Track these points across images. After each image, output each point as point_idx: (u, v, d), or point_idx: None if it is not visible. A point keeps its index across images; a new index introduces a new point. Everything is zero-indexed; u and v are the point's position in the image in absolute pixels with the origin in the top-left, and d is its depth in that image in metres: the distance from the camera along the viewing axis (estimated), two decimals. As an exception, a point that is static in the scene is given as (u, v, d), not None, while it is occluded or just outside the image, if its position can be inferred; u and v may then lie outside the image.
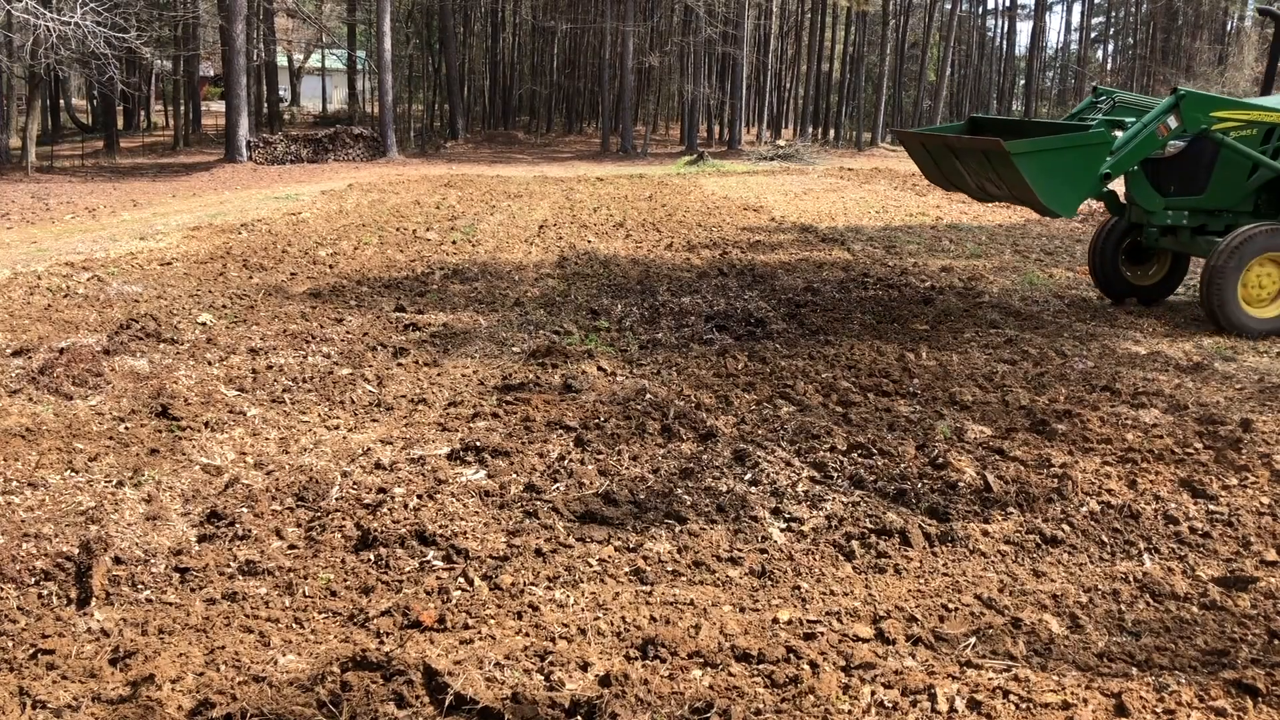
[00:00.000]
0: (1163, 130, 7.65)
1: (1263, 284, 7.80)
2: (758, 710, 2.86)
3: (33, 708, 2.86)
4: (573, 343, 7.14)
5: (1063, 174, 7.31)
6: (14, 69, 27.12)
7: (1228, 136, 7.86)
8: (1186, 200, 8.19)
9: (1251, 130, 7.98)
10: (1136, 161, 7.82)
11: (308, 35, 45.96)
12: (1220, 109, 7.87)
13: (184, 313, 7.95)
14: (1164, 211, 8.20)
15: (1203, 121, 7.73)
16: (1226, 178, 8.10)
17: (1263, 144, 8.03)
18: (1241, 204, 8.25)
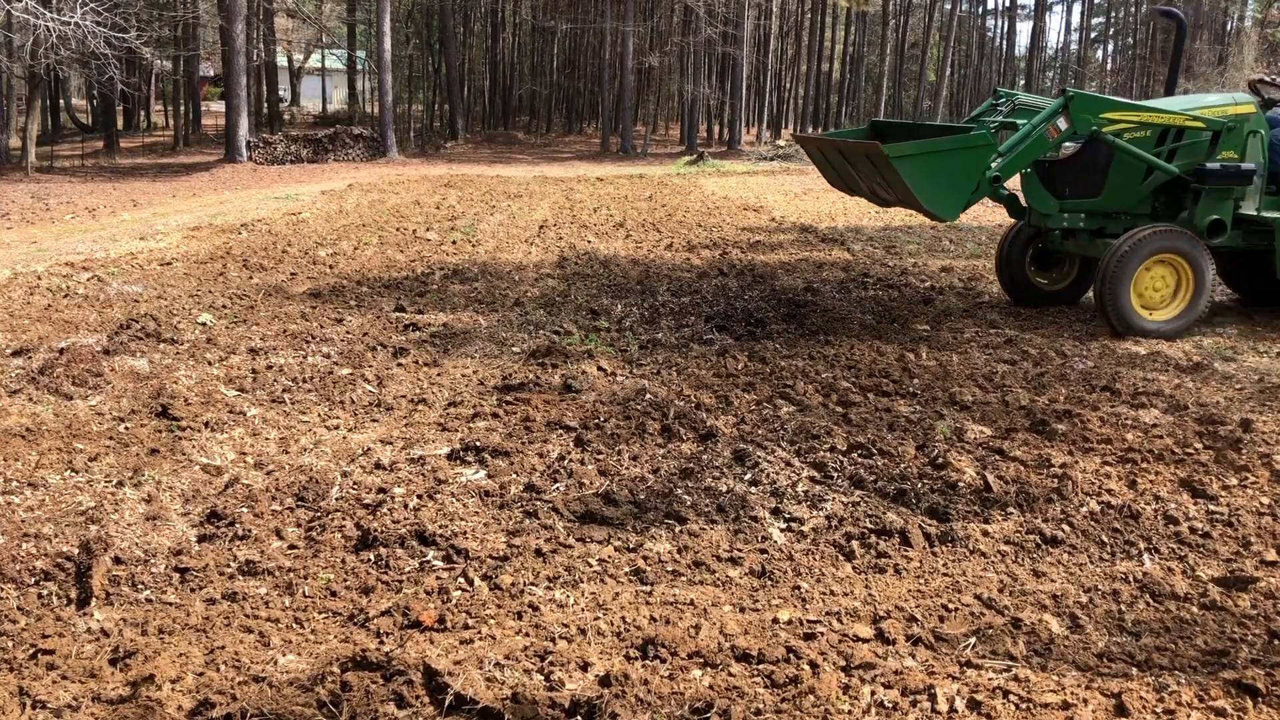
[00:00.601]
0: (1052, 132, 7.56)
1: (1157, 287, 7.69)
2: (758, 710, 2.86)
3: (33, 708, 2.86)
4: (573, 343, 7.14)
5: (943, 177, 7.24)
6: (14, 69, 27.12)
7: (1120, 138, 7.75)
8: (1083, 203, 8.08)
9: (1145, 132, 7.88)
10: (1027, 164, 7.73)
11: (308, 35, 45.97)
12: (1110, 110, 7.78)
13: (184, 313, 7.95)
14: (1060, 214, 8.09)
15: (1093, 123, 7.63)
16: (1122, 180, 7.98)
17: (1157, 145, 7.92)
18: (1139, 206, 8.13)
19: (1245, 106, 8.04)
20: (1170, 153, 7.93)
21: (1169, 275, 7.69)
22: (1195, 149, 7.93)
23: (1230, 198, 7.90)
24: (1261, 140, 7.95)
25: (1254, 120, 8.01)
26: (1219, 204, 7.88)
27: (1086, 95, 7.80)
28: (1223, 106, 8.05)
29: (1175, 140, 7.93)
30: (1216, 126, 7.88)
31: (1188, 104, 8.24)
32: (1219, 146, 7.89)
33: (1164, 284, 7.70)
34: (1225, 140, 7.89)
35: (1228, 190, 7.84)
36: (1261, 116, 8.09)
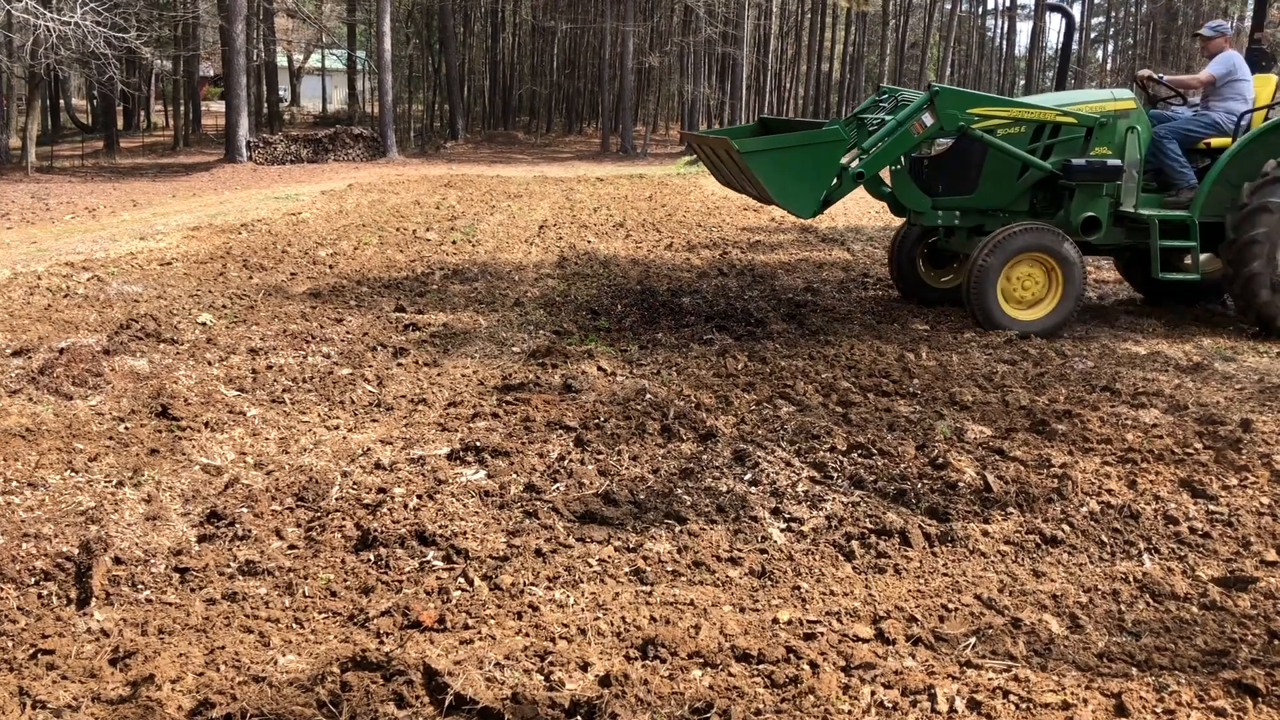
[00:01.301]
0: (917, 128, 7.49)
1: (1026, 285, 7.64)
2: (758, 710, 2.86)
3: (33, 708, 2.86)
4: (573, 343, 7.14)
5: (794, 173, 7.20)
6: (14, 69, 27.12)
7: (994, 134, 7.67)
8: (957, 200, 7.98)
9: (1019, 128, 7.80)
10: (892, 160, 7.66)
11: (308, 35, 45.96)
12: (977, 106, 7.70)
13: (184, 313, 7.94)
14: (934, 212, 8.01)
15: (959, 119, 7.55)
16: (996, 176, 7.88)
17: (1033, 142, 7.83)
18: (1015, 203, 8.03)
19: (1125, 102, 7.94)
20: (1046, 149, 7.84)
21: (1038, 273, 7.63)
22: (1071, 145, 7.85)
23: (1104, 194, 7.81)
24: (1139, 136, 7.82)
25: (1134, 116, 7.89)
26: (1093, 201, 7.79)
27: (952, 90, 7.73)
28: (1100, 102, 7.95)
29: (1051, 136, 7.85)
30: (1089, 122, 7.78)
31: (1063, 100, 8.14)
32: (1092, 142, 7.80)
33: (1033, 282, 7.64)
34: (1098, 136, 7.80)
35: (1099, 187, 7.75)
36: (1143, 113, 7.98)
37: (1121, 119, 7.86)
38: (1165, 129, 8.13)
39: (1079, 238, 7.81)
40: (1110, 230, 7.96)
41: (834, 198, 7.55)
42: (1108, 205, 7.88)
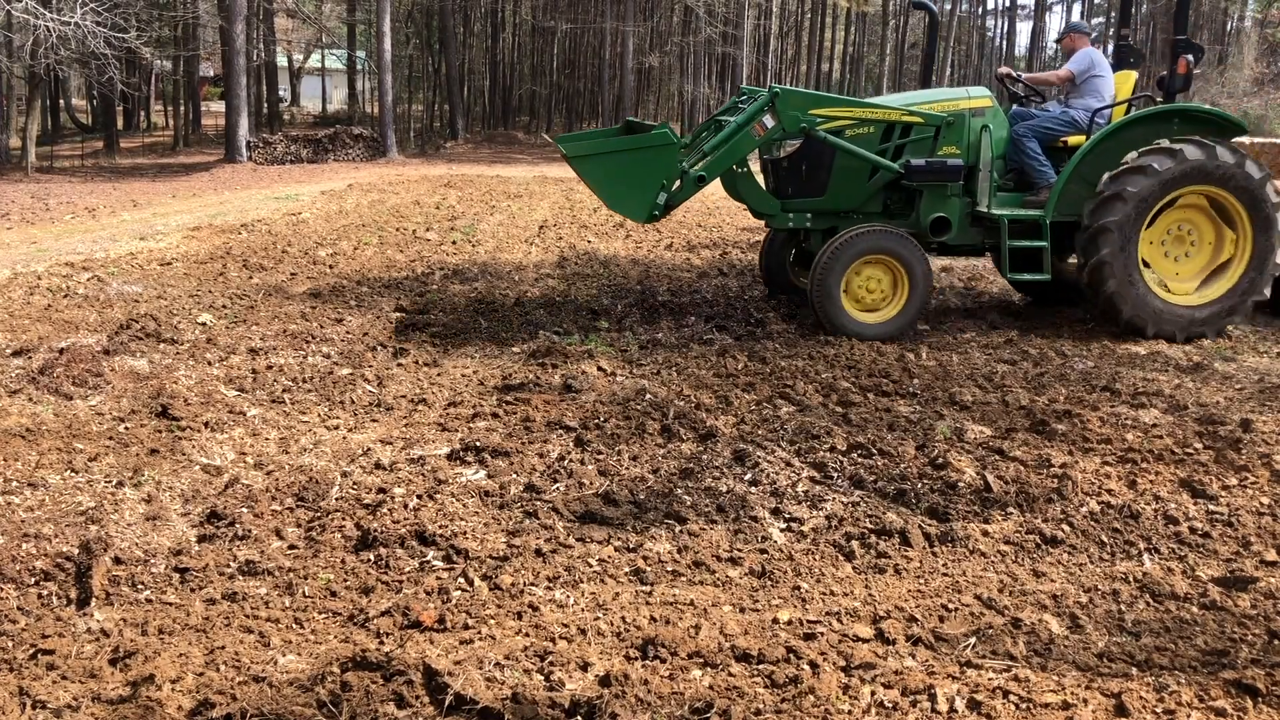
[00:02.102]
0: (759, 130, 7.40)
1: (870, 288, 7.51)
2: (758, 710, 2.86)
3: (33, 708, 2.86)
4: (573, 343, 7.13)
5: (625, 177, 7.13)
6: (14, 69, 27.12)
7: (840, 136, 7.57)
8: (807, 202, 7.82)
9: (868, 129, 7.68)
10: (734, 162, 7.55)
11: (308, 35, 45.95)
12: (819, 106, 7.60)
13: (184, 313, 7.94)
14: (785, 215, 7.85)
15: (801, 120, 7.43)
16: (846, 178, 7.72)
17: (884, 142, 7.71)
18: (868, 205, 7.87)
19: (979, 101, 7.85)
20: (898, 149, 7.72)
21: (883, 276, 7.51)
22: (922, 145, 7.72)
23: (951, 194, 7.70)
24: (990, 135, 7.70)
25: (989, 115, 7.78)
26: (942, 201, 7.69)
27: (793, 91, 7.62)
28: (951, 101, 7.84)
29: (902, 136, 7.72)
30: (936, 121, 7.66)
31: (912, 99, 8.04)
32: (939, 141, 7.69)
33: (878, 285, 7.52)
34: (945, 135, 7.68)
35: (945, 187, 7.65)
36: (998, 111, 7.88)
37: (976, 117, 7.73)
38: (1024, 127, 8.02)
39: (931, 239, 7.71)
40: (967, 230, 7.82)
41: (676, 201, 7.46)
42: (960, 205, 7.77)
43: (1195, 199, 7.62)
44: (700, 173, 7.35)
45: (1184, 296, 7.67)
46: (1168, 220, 7.70)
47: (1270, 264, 7.55)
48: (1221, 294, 7.63)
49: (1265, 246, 7.54)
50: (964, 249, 8.19)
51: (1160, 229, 7.70)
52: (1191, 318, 7.58)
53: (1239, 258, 7.63)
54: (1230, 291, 7.62)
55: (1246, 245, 7.59)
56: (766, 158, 8.06)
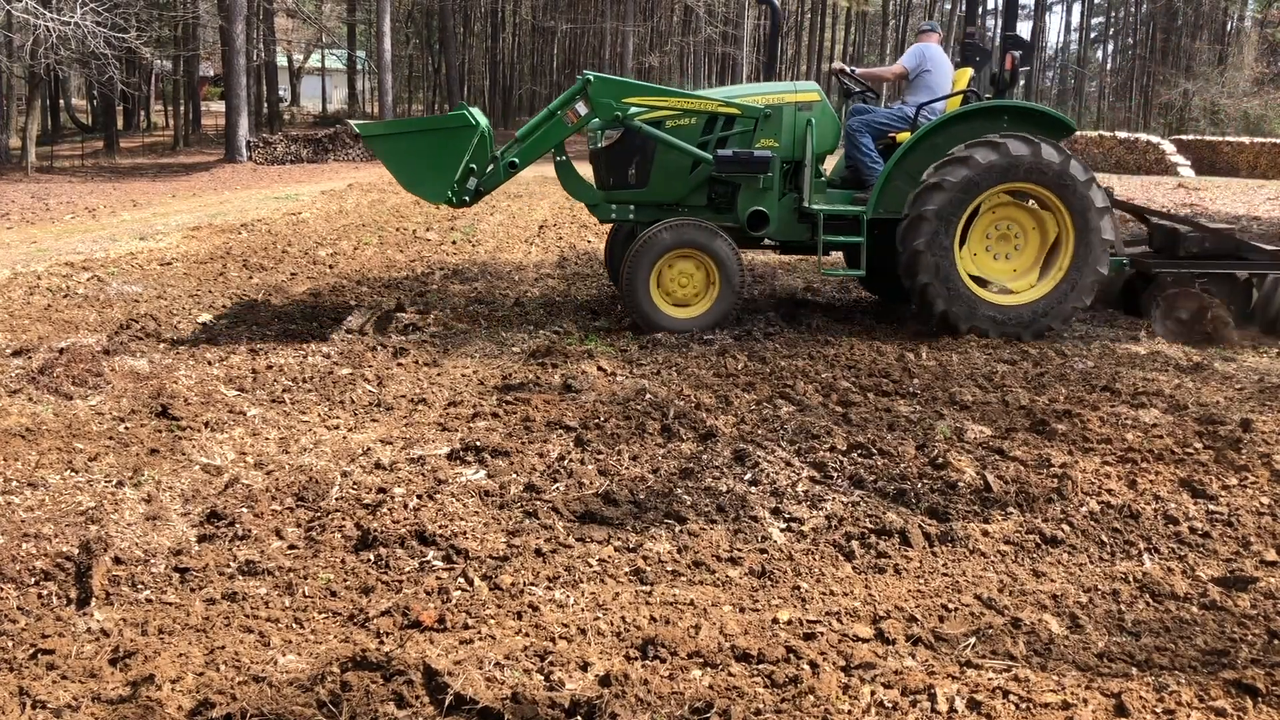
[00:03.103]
0: (571, 117, 7.34)
1: (682, 282, 7.42)
2: (758, 710, 2.86)
3: (33, 708, 2.86)
4: (572, 343, 7.13)
5: (421, 159, 7.08)
6: (14, 69, 27.12)
7: (662, 126, 7.47)
8: (630, 194, 7.72)
9: (689, 120, 7.55)
10: (547, 150, 7.49)
11: (308, 35, 45.94)
12: (633, 95, 7.49)
13: (184, 313, 7.95)
14: (607, 205, 7.77)
15: (615, 108, 7.34)
16: (668, 169, 7.60)
17: (706, 133, 7.57)
18: (692, 198, 7.73)
19: (806, 95, 7.69)
20: (720, 141, 7.62)
21: (694, 270, 7.42)
22: (744, 138, 7.60)
23: (768, 188, 7.55)
24: (814, 129, 7.56)
25: (815, 109, 7.63)
26: (760, 195, 7.56)
27: (606, 79, 7.54)
28: (775, 94, 7.70)
29: (725, 128, 7.61)
30: (754, 114, 7.54)
31: (735, 91, 7.95)
32: (757, 134, 7.56)
33: (689, 279, 7.43)
34: (763, 128, 7.55)
35: (757, 180, 7.52)
36: (826, 107, 7.73)
37: (802, 111, 7.60)
38: (857, 122, 7.96)
39: (750, 234, 7.61)
40: (793, 226, 7.69)
41: (487, 187, 7.43)
42: (784, 200, 7.64)
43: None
44: (512, 158, 7.33)
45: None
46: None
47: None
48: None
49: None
50: (793, 246, 8.02)
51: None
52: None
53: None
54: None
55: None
56: (592, 148, 7.95)
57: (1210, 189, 22.14)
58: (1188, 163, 28.70)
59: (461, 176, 7.26)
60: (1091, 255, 7.34)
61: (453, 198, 7.35)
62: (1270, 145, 28.92)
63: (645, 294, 7.35)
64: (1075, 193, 7.28)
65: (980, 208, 7.45)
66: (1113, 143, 31.07)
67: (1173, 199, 19.72)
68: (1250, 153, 28.85)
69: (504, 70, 49.92)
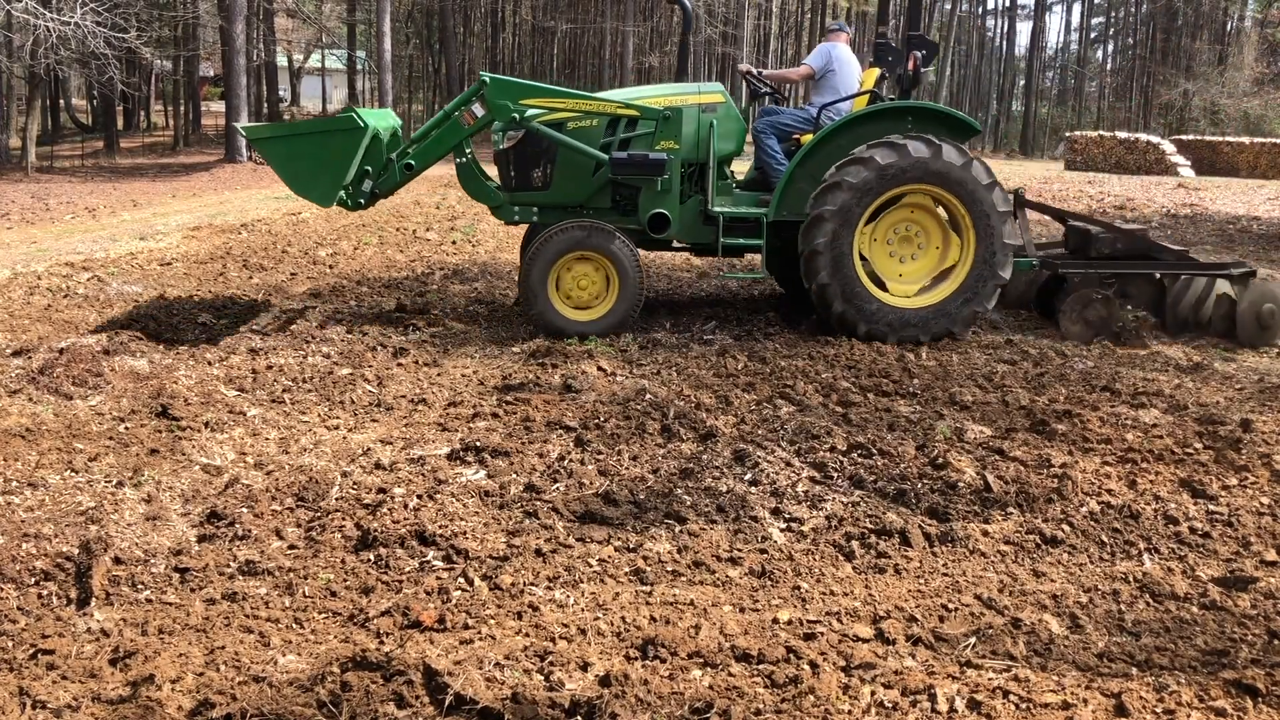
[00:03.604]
0: (468, 119, 7.29)
1: (583, 285, 7.33)
2: (758, 710, 2.86)
3: (33, 708, 2.86)
4: (572, 343, 7.13)
5: (307, 161, 7.02)
6: (14, 69, 27.12)
7: (563, 128, 7.41)
8: (534, 196, 7.64)
9: (591, 121, 7.47)
10: (445, 152, 7.45)
11: (308, 35, 45.93)
12: (530, 96, 7.39)
13: (184, 313, 7.95)
14: (510, 207, 7.67)
15: (512, 109, 7.26)
16: (570, 171, 7.52)
17: (609, 135, 7.48)
18: (595, 199, 7.62)
19: (710, 96, 7.57)
20: (624, 143, 7.52)
21: (594, 273, 7.34)
22: (648, 139, 7.49)
23: (666, 190, 7.41)
24: (716, 130, 7.44)
25: (720, 111, 7.52)
26: (660, 197, 7.42)
27: (502, 80, 7.47)
28: (677, 96, 7.56)
29: (628, 130, 7.52)
30: (653, 116, 7.43)
31: (637, 93, 7.89)
32: (658, 136, 7.43)
33: (589, 281, 7.34)
34: (664, 130, 7.42)
35: (654, 182, 7.40)
36: (730, 107, 7.59)
37: (706, 113, 7.50)
38: (764, 124, 7.90)
39: (652, 236, 7.52)
40: (699, 228, 7.58)
41: (385, 189, 7.37)
42: (688, 202, 7.54)
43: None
44: (409, 160, 7.28)
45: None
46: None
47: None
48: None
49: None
50: (701, 249, 7.93)
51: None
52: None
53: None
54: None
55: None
56: (495, 149, 7.87)
57: (1210, 189, 22.14)
58: (1188, 163, 28.70)
59: (356, 179, 7.24)
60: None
61: (347, 200, 7.32)
62: (1270, 145, 28.91)
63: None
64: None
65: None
66: (1112, 143, 31.06)
67: (1173, 199, 19.72)
68: (1250, 153, 28.85)
69: (504, 70, 49.94)
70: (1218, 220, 16.09)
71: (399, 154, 7.40)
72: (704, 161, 7.56)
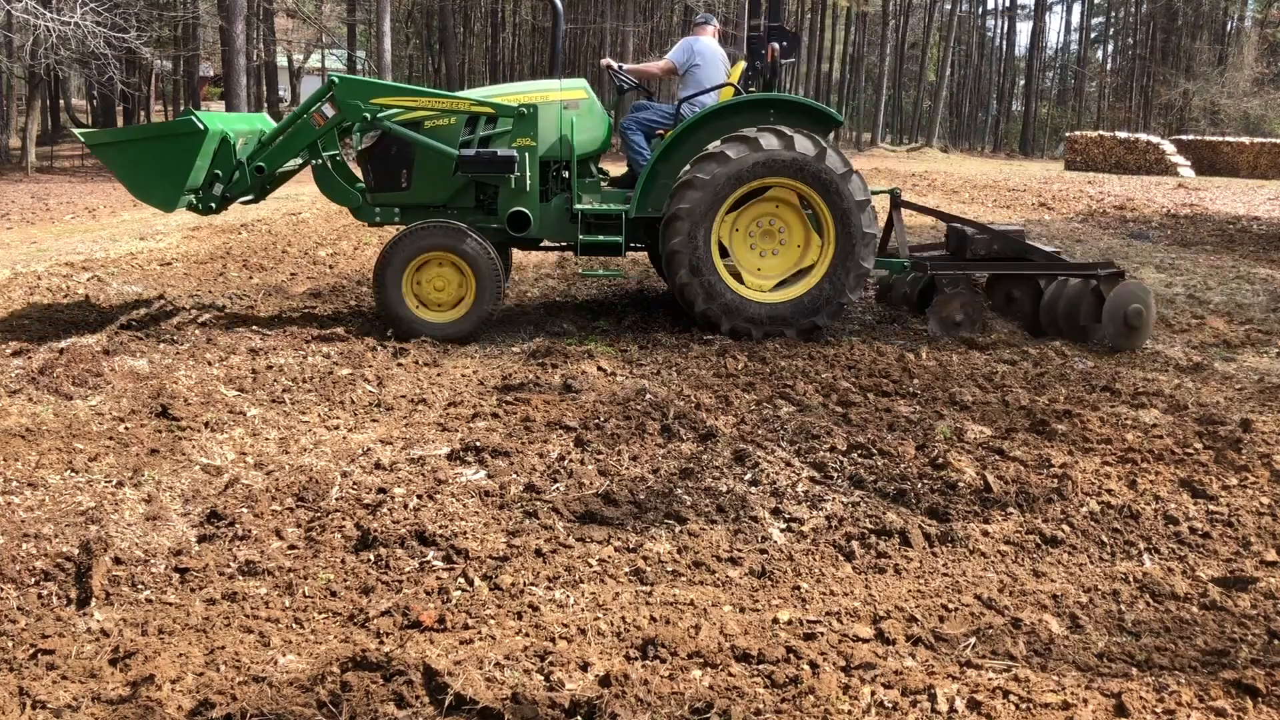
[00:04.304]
0: (318, 120, 7.21)
1: (439, 286, 7.23)
2: (758, 710, 2.86)
3: (33, 708, 2.86)
4: (572, 343, 7.13)
5: (149, 166, 6.95)
6: (14, 69, 27.11)
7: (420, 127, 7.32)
8: (394, 196, 7.54)
9: (449, 120, 7.37)
10: (295, 153, 7.38)
11: (308, 35, 45.92)
12: (383, 96, 7.31)
13: (184, 313, 7.95)
14: (371, 208, 7.56)
15: (363, 109, 7.18)
16: (428, 170, 7.41)
17: (469, 133, 7.39)
18: (459, 199, 7.53)
19: (572, 93, 7.51)
20: (484, 141, 7.43)
21: (450, 274, 7.22)
22: (508, 137, 7.41)
23: (522, 189, 7.31)
24: (574, 128, 7.39)
25: (582, 107, 7.47)
26: (518, 195, 7.34)
27: (351, 80, 7.41)
28: (537, 92, 7.51)
29: (489, 127, 7.43)
30: (508, 113, 7.35)
31: (495, 90, 7.82)
32: (514, 133, 7.37)
33: (445, 283, 7.23)
34: (520, 127, 7.36)
35: (509, 180, 7.30)
36: (593, 104, 7.56)
37: (568, 109, 7.43)
38: (629, 120, 7.86)
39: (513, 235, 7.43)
40: (564, 226, 7.48)
41: (234, 193, 7.30)
42: (552, 200, 7.47)
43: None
44: (259, 163, 7.23)
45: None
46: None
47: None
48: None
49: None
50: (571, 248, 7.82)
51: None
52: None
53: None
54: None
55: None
56: (356, 150, 7.80)
57: (1210, 189, 22.13)
58: (1188, 163, 28.69)
59: (206, 182, 7.19)
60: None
61: (198, 204, 7.26)
62: (1270, 145, 28.91)
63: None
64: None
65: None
66: (1113, 143, 31.03)
67: (1173, 199, 19.72)
68: (1250, 153, 28.84)
69: (504, 70, 49.90)
70: (1218, 220, 16.09)
71: (250, 157, 7.30)
72: (567, 158, 7.47)
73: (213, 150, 7.12)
